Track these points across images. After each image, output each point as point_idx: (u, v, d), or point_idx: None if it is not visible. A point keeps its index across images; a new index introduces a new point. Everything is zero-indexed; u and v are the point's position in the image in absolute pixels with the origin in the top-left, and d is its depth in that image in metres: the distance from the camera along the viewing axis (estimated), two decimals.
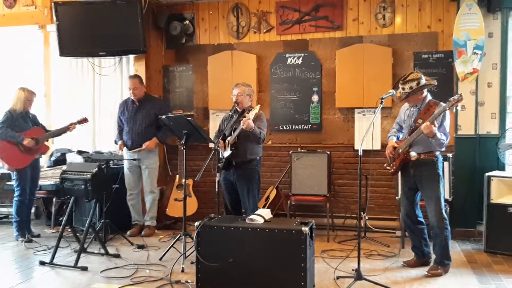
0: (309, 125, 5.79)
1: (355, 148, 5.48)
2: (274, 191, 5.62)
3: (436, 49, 5.36)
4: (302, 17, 5.75)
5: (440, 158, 4.07)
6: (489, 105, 5.20)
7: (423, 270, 4.04)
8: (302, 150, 5.60)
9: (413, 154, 3.97)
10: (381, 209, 5.54)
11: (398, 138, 4.28)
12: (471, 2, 5.06)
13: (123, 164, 5.43)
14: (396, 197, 5.03)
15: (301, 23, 5.76)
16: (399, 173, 4.24)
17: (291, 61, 5.79)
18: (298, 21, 5.76)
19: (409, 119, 4.11)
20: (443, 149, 4.00)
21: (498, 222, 4.58)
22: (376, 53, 5.44)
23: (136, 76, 5.42)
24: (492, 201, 4.64)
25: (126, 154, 5.41)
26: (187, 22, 6.10)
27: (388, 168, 4.24)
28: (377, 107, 3.99)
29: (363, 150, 3.86)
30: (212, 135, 5.36)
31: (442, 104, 3.87)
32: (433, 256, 4.11)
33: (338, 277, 3.87)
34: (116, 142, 5.53)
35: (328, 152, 5.46)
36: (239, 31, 5.98)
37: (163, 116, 4.57)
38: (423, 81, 3.98)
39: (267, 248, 3.37)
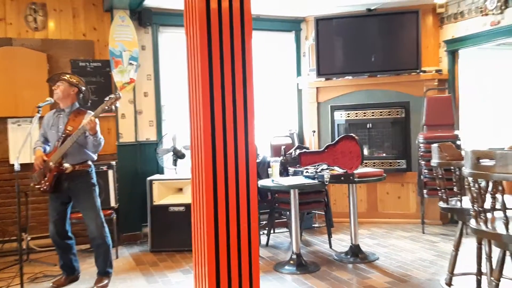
0: None
1: (11, 162, 4.88)
2: None
3: (93, 57, 5.34)
4: None
5: (93, 168, 3.96)
6: (146, 113, 5.55)
7: (78, 286, 3.93)
8: None
9: (67, 165, 3.74)
10: (45, 226, 5.09)
11: (45, 151, 3.90)
12: (124, 14, 5.27)
13: None
14: None
15: None
16: None
17: None
18: None
19: (55, 127, 3.86)
20: (98, 151, 3.90)
21: (161, 222, 4.91)
22: (29, 58, 4.99)
23: None
24: (154, 203, 4.93)
25: None
26: None
27: (38, 186, 3.82)
28: (34, 116, 3.68)
29: (21, 164, 3.47)
30: None
31: (91, 112, 3.84)
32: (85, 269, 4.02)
33: None
34: None
35: None
36: None
37: None
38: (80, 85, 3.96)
39: None
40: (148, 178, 5.01)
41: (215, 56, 2.46)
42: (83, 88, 3.96)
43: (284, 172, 4.78)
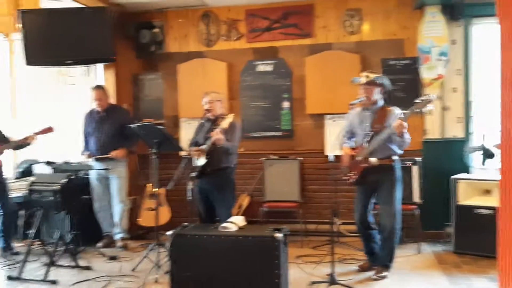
0: (280, 132, 5.82)
1: (326, 154, 5.53)
2: (247, 199, 5.62)
3: (403, 55, 5.49)
4: (271, 25, 5.80)
5: (399, 163, 4.09)
6: (454, 109, 5.36)
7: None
8: (274, 157, 5.62)
9: (373, 159, 3.98)
10: (353, 213, 5.58)
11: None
12: (435, 10, 5.22)
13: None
14: None
15: (270, 31, 5.81)
16: None
17: (261, 68, 5.83)
18: (267, 28, 5.81)
19: (362, 124, 4.11)
20: (403, 149, 4.04)
21: (466, 223, 4.70)
22: (345, 60, 5.53)
23: (100, 87, 5.33)
24: (459, 203, 4.76)
25: (93, 164, 5.28)
26: (157, 30, 6.07)
27: (345, 178, 4.16)
28: (346, 113, 4.05)
29: (334, 156, 3.88)
30: (184, 143, 5.33)
31: (396, 109, 3.98)
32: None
33: (312, 282, 3.90)
34: (82, 153, 5.39)
35: (300, 159, 5.50)
36: (209, 39, 5.98)
37: (134, 125, 4.51)
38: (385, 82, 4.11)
39: (241, 256, 3.35)
40: (453, 177, 4.86)
41: None
42: (388, 87, 4.15)
43: None
